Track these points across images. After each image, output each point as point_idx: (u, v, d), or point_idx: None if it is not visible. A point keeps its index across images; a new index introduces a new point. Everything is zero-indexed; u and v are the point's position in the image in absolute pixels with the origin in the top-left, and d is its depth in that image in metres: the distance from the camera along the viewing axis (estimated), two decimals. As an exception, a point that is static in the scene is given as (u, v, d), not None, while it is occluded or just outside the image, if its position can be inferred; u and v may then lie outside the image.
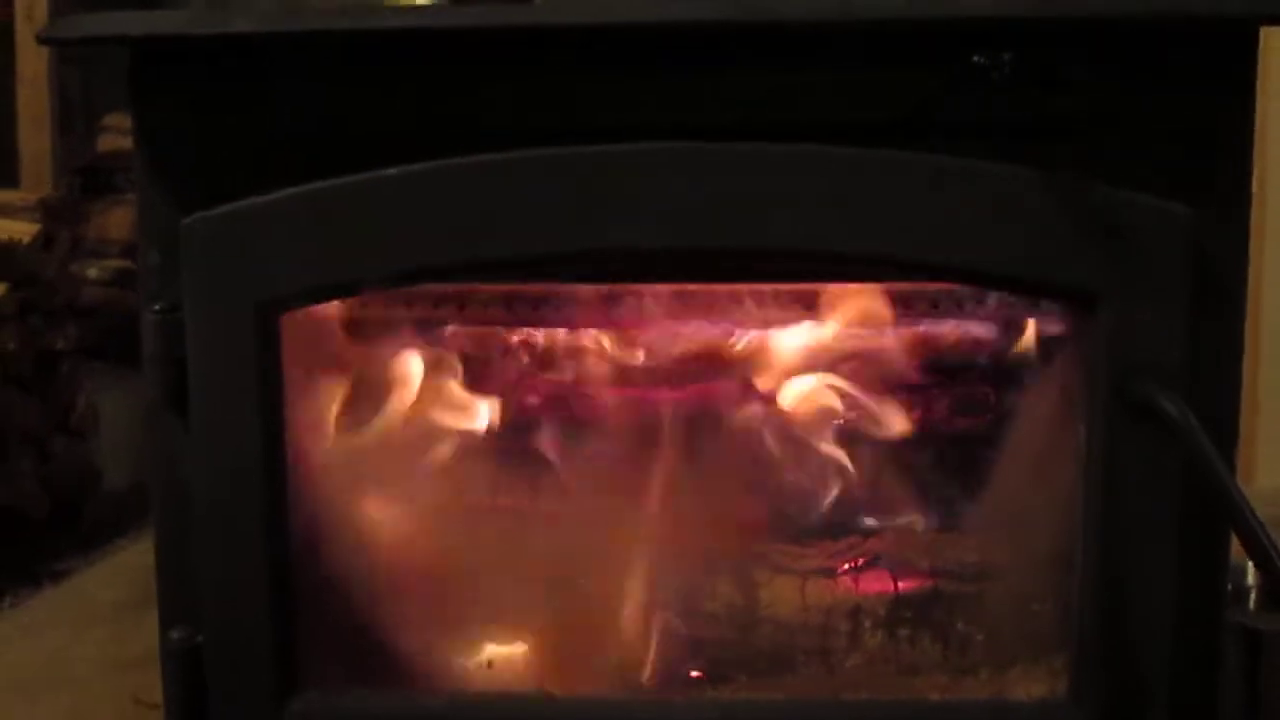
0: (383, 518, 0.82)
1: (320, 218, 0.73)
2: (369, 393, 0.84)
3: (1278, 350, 1.95)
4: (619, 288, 0.82)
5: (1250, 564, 1.04)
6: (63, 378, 1.93)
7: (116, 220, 2.29)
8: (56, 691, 1.31)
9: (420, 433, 0.85)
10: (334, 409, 0.82)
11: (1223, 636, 0.79)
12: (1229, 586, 1.03)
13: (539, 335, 0.86)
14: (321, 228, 0.73)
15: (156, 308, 0.76)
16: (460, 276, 0.78)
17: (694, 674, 0.85)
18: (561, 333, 0.86)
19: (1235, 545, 0.72)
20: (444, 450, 0.85)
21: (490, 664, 0.84)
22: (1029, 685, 0.81)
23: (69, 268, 1.99)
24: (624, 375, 0.86)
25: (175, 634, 0.78)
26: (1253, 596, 1.08)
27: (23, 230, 1.85)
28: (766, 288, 0.83)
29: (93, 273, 2.21)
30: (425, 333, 0.86)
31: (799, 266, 0.77)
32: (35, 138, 2.30)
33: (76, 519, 1.94)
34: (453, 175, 0.72)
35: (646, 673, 0.83)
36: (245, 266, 0.74)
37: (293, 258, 0.74)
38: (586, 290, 0.82)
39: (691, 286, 0.82)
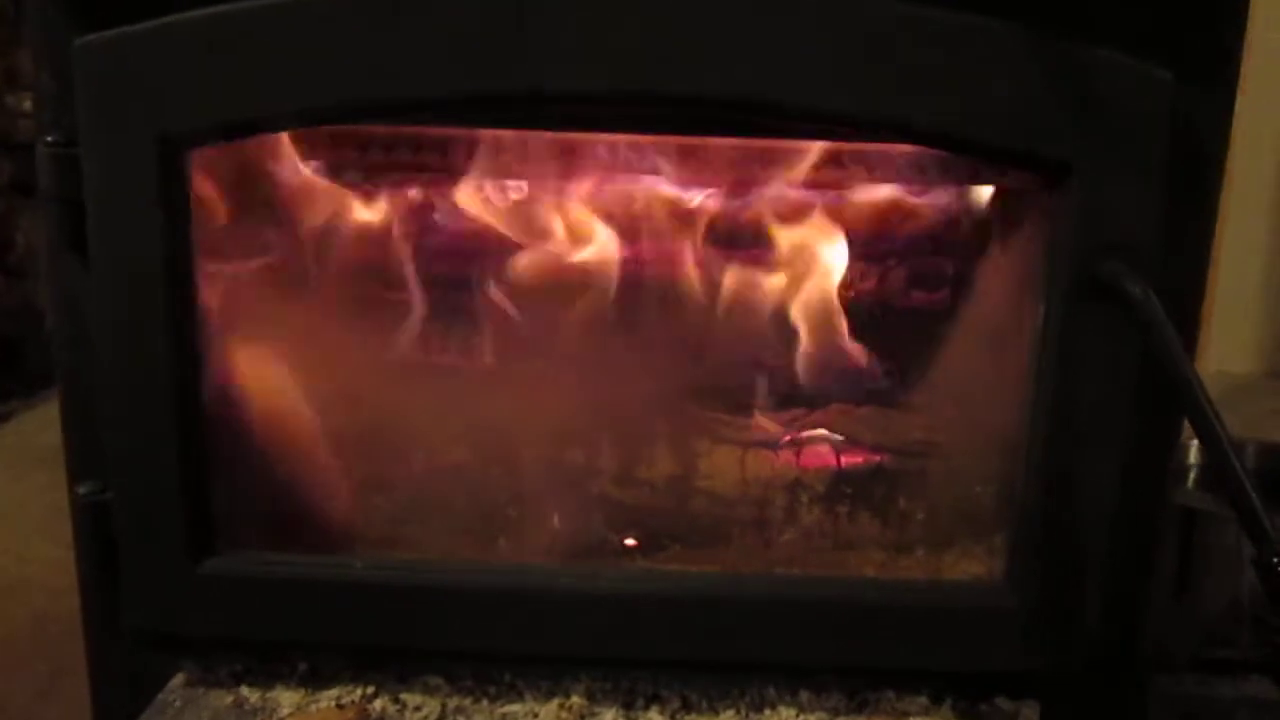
0: (300, 377, 0.78)
1: (224, 45, 0.66)
2: (288, 242, 0.79)
3: (1239, 227, 1.93)
4: (562, 136, 0.76)
5: (1193, 443, 1.03)
6: (-2, 215, 1.85)
7: (53, 49, 2.15)
8: (-4, 531, 1.30)
9: (346, 288, 0.80)
10: (249, 257, 0.77)
11: (1162, 523, 0.77)
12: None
13: (471, 187, 0.80)
14: (226, 56, 0.66)
15: (50, 139, 0.70)
16: (374, 118, 0.72)
17: (628, 542, 0.83)
18: (492, 184, 0.80)
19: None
20: (369, 308, 0.80)
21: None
22: (966, 565, 0.80)
23: (2, 100, 1.88)
24: (560, 232, 0.81)
25: (82, 489, 0.75)
26: (1191, 475, 1.08)
27: (-53, 56, 1.72)
28: (716, 142, 0.77)
29: (27, 105, 2.10)
30: (353, 179, 0.80)
31: (751, 120, 0.71)
32: (-40, -45, 2.13)
33: (18, 361, 1.89)
34: (367, 1, 0.65)
35: (576, 540, 0.81)
36: (145, 96, 0.67)
37: (196, 88, 0.67)
38: (518, 138, 0.76)
39: (633, 138, 0.76)
